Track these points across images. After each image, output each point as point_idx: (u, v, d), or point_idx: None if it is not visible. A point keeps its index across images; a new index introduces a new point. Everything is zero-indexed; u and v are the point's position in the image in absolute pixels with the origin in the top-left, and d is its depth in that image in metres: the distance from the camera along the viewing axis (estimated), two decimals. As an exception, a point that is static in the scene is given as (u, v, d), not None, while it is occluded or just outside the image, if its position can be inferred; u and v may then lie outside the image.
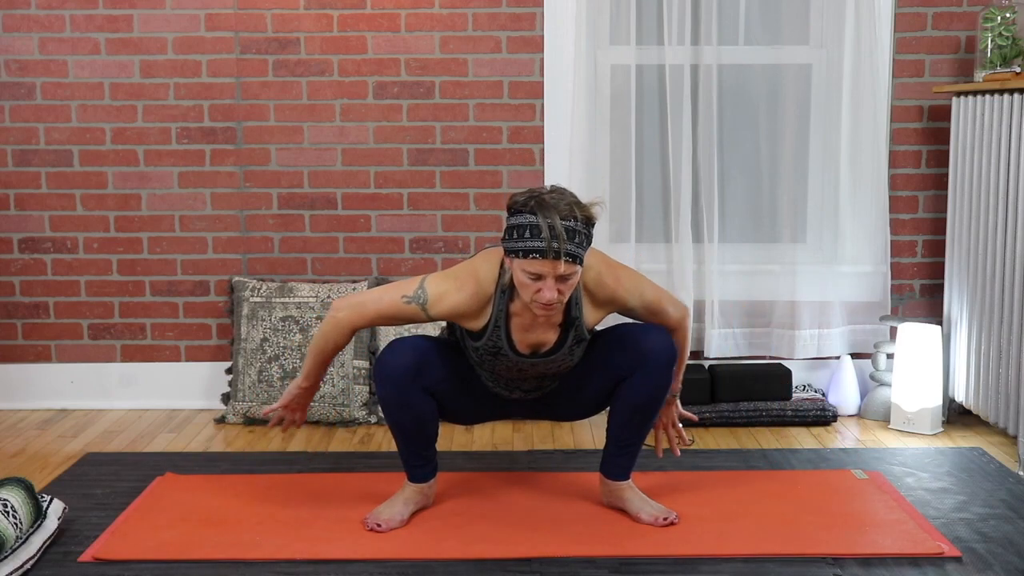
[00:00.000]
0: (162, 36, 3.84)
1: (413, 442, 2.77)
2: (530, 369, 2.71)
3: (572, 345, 2.67)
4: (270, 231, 3.93)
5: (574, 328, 2.64)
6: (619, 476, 2.82)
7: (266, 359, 3.72)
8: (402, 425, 2.73)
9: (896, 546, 2.59)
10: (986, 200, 3.42)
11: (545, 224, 2.40)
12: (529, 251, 2.42)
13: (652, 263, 3.91)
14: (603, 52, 3.85)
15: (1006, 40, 3.49)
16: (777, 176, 3.89)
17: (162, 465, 3.24)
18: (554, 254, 2.40)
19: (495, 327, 2.62)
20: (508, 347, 2.64)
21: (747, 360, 3.93)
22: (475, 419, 2.98)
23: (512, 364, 2.68)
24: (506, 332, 2.63)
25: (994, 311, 3.38)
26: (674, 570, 2.48)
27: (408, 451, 2.79)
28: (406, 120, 3.88)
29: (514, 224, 2.46)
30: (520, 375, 2.75)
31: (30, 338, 3.97)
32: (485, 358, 2.70)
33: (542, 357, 2.67)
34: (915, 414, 3.59)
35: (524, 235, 2.43)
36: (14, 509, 2.51)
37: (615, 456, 2.81)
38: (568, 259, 2.42)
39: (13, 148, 3.89)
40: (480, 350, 2.68)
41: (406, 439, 2.77)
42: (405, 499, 2.79)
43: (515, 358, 2.66)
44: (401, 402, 2.67)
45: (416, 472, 2.81)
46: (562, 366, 2.72)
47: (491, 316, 2.61)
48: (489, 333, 2.63)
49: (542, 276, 2.44)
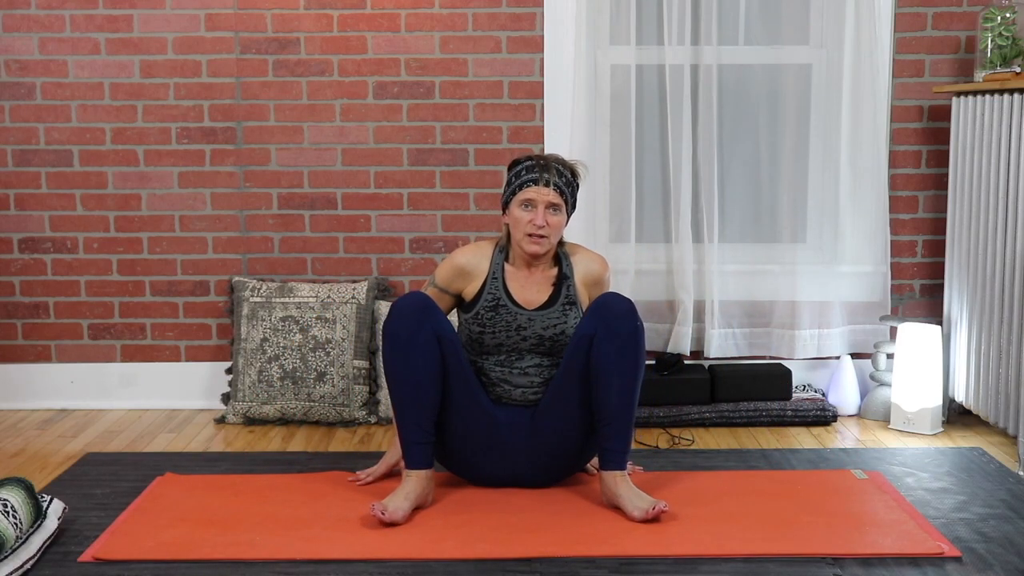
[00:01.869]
0: (162, 36, 3.85)
1: (411, 406, 2.81)
2: (528, 326, 2.90)
3: (564, 304, 2.94)
4: (270, 231, 3.93)
5: (566, 286, 2.95)
6: (611, 464, 2.81)
7: (266, 359, 3.72)
8: (403, 379, 2.80)
9: (896, 546, 2.59)
10: (986, 200, 3.43)
11: (538, 161, 2.91)
12: (524, 183, 2.89)
13: (652, 263, 3.91)
14: (603, 52, 3.85)
15: (1006, 40, 3.49)
16: (777, 176, 3.90)
17: (162, 465, 3.24)
18: (544, 181, 2.86)
19: (493, 278, 2.94)
20: (507, 297, 2.92)
21: (747, 360, 3.93)
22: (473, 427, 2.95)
23: (511, 319, 2.90)
24: (503, 285, 2.93)
25: (994, 311, 3.38)
26: (674, 570, 2.48)
27: (406, 420, 2.82)
28: (406, 120, 3.88)
29: (513, 173, 2.93)
30: (520, 339, 2.90)
31: (30, 338, 3.97)
32: (486, 317, 2.90)
33: (538, 311, 2.92)
34: (915, 414, 3.59)
35: (520, 173, 2.91)
36: (14, 509, 2.51)
37: (605, 440, 2.82)
38: (556, 189, 2.87)
39: (13, 148, 3.90)
40: (480, 310, 2.91)
41: (403, 403, 2.81)
42: (406, 493, 2.79)
43: (514, 309, 2.92)
44: (409, 340, 2.78)
45: (414, 452, 2.83)
46: (558, 327, 2.91)
47: (489, 270, 2.95)
48: (488, 285, 2.94)
49: (535, 204, 2.86)
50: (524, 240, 2.89)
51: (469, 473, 3.00)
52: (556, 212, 2.88)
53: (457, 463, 3.00)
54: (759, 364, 3.87)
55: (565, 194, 2.90)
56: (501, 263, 2.96)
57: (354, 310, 3.75)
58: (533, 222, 2.86)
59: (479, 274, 2.96)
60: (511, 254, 2.97)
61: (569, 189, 2.93)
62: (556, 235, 2.91)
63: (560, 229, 2.91)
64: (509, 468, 2.94)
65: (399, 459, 2.97)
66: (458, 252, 2.99)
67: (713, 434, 3.61)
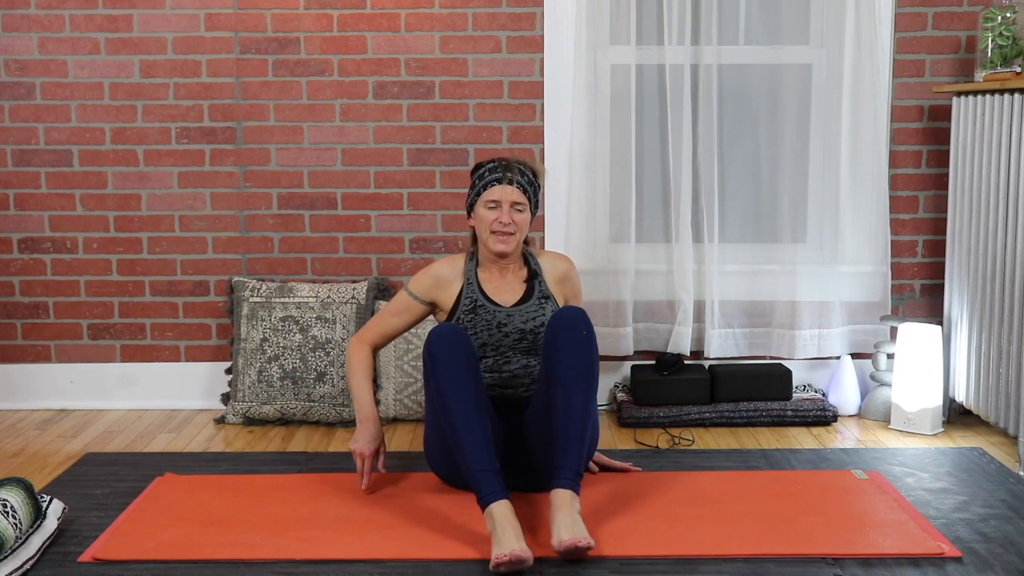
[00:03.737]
0: (162, 36, 3.84)
1: (478, 431, 2.62)
2: (508, 322, 2.95)
3: (540, 299, 3.01)
4: (270, 231, 3.93)
5: (538, 282, 3.03)
6: (555, 481, 2.61)
7: (266, 359, 3.72)
8: (463, 406, 2.64)
9: (896, 546, 2.59)
10: (986, 200, 3.42)
11: (500, 162, 2.98)
12: (488, 183, 2.96)
13: (652, 263, 3.91)
14: (603, 52, 3.85)
15: (1006, 40, 3.49)
16: (777, 176, 3.89)
17: (162, 465, 3.24)
18: (507, 180, 2.94)
19: (468, 283, 3.00)
20: (483, 297, 2.98)
21: (747, 360, 3.93)
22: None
23: (491, 318, 2.96)
24: (479, 287, 3.00)
25: (994, 311, 3.38)
26: (674, 570, 2.48)
27: (475, 448, 2.60)
28: (406, 120, 3.88)
29: (476, 176, 3.00)
30: (502, 335, 2.93)
31: (30, 338, 3.97)
32: (466, 320, 2.96)
33: (516, 307, 2.98)
34: (915, 414, 3.59)
35: (484, 175, 2.99)
36: (14, 509, 2.51)
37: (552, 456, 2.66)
38: (519, 188, 2.95)
39: (13, 148, 3.89)
40: (460, 314, 2.97)
41: (470, 428, 2.62)
42: (515, 533, 2.46)
43: (492, 307, 2.97)
44: (467, 363, 2.71)
45: (493, 481, 2.57)
46: (537, 319, 2.97)
47: (464, 276, 3.02)
48: (464, 290, 3.00)
49: (499, 204, 2.94)
50: (491, 239, 2.96)
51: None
52: (520, 210, 2.96)
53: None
54: (759, 364, 3.87)
55: (528, 192, 2.98)
56: (474, 269, 3.04)
57: (354, 310, 3.75)
58: (499, 220, 2.93)
59: (455, 281, 3.02)
60: (481, 259, 3.04)
61: (532, 188, 3.01)
62: (522, 233, 2.99)
63: (525, 227, 3.00)
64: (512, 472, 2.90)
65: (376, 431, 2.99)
66: (434, 264, 3.07)
67: (713, 434, 3.61)
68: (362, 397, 3.04)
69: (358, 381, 3.07)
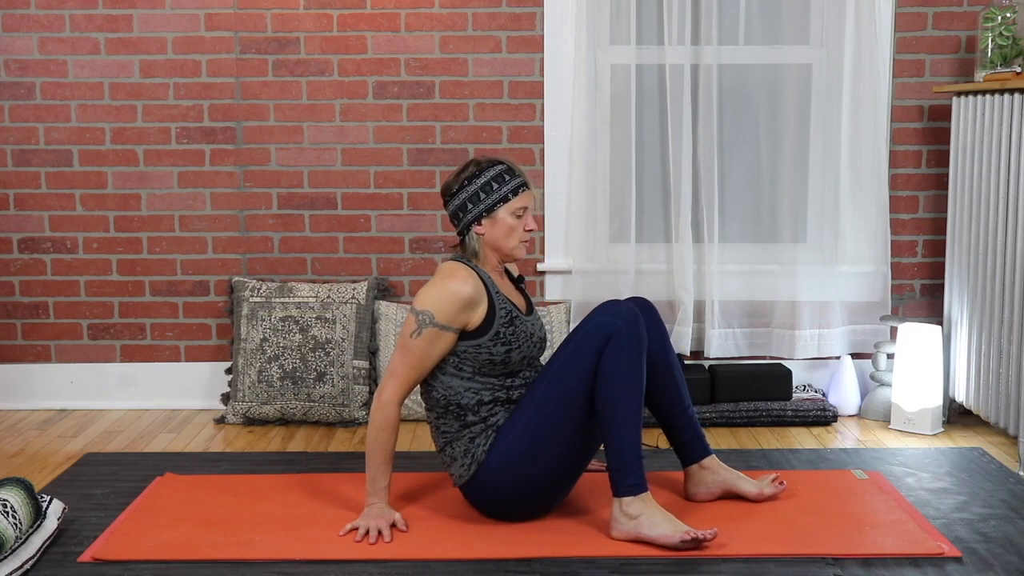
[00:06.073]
0: (162, 36, 3.84)
1: (638, 418, 2.62)
2: (535, 331, 2.80)
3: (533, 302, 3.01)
4: (270, 231, 3.93)
5: (523, 283, 2.91)
6: (703, 450, 2.88)
7: (266, 359, 3.72)
8: (639, 387, 2.62)
9: (896, 546, 2.59)
10: (986, 200, 3.42)
11: (508, 165, 2.75)
12: (517, 187, 2.73)
13: (652, 263, 3.91)
14: (603, 52, 3.85)
15: (1006, 40, 3.49)
16: (777, 176, 3.89)
17: (162, 465, 3.24)
18: (529, 185, 2.76)
19: (497, 293, 2.74)
20: (515, 308, 2.76)
21: (747, 360, 3.93)
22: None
23: (524, 328, 2.75)
24: (505, 297, 2.76)
25: (994, 311, 3.38)
26: (674, 570, 2.48)
27: (636, 432, 2.61)
28: (406, 120, 3.88)
29: (485, 181, 2.72)
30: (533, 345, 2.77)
31: (30, 338, 3.97)
32: (508, 333, 2.70)
33: (530, 316, 2.83)
34: (915, 414, 3.59)
35: (504, 180, 2.72)
36: (14, 509, 2.51)
37: (695, 426, 2.88)
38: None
39: (13, 148, 3.89)
40: (499, 328, 2.69)
41: (639, 413, 2.61)
42: (673, 524, 2.59)
43: (523, 317, 2.78)
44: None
45: (641, 470, 2.61)
46: (544, 327, 2.95)
47: (488, 289, 2.72)
48: (499, 301, 2.72)
49: (526, 209, 2.74)
50: (518, 247, 2.76)
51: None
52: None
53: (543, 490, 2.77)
54: (759, 364, 3.87)
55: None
56: (489, 278, 2.76)
57: (354, 310, 3.75)
58: (527, 227, 2.75)
59: (482, 298, 2.69)
60: (487, 268, 2.78)
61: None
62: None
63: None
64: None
65: (388, 509, 2.74)
66: (447, 288, 2.65)
67: (713, 434, 3.61)
68: (380, 482, 2.72)
69: (380, 461, 2.71)
